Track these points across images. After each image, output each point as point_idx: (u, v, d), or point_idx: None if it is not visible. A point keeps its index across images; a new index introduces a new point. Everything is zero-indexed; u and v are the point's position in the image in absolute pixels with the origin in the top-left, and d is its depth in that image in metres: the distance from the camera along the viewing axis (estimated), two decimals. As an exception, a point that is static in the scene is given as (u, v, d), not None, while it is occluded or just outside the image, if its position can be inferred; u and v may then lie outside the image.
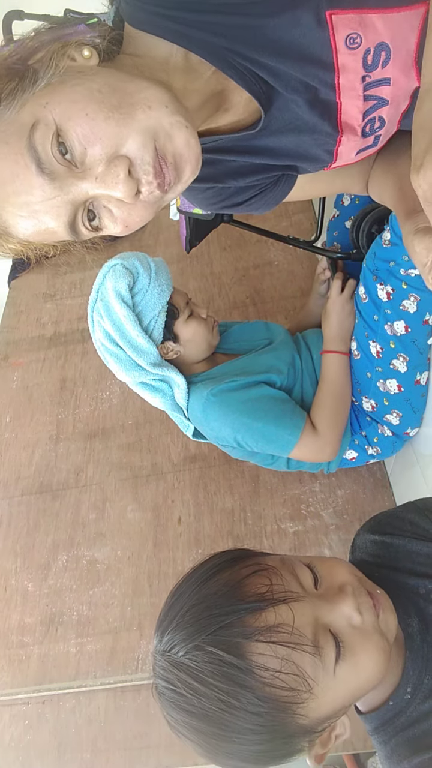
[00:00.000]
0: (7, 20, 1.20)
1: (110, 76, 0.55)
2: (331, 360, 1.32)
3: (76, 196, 0.55)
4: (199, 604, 0.56)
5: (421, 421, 1.32)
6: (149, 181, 0.55)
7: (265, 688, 0.51)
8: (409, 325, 1.17)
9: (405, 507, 0.80)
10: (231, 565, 0.59)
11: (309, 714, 0.53)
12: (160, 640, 0.58)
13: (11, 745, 1.54)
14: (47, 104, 0.53)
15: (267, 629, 0.52)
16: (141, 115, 0.54)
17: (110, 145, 0.53)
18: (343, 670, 0.54)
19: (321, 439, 1.26)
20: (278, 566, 0.58)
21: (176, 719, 0.57)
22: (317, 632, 0.54)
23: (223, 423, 1.25)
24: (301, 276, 2.08)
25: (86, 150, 0.53)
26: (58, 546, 1.75)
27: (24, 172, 0.53)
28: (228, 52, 0.60)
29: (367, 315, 1.25)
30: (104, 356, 1.30)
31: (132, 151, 0.54)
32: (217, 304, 2.11)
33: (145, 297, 1.24)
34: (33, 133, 0.52)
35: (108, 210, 0.58)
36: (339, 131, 0.69)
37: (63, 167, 0.53)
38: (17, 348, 2.27)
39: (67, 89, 0.53)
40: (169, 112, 0.55)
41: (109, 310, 1.23)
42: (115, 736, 1.48)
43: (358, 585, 0.59)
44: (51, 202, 0.55)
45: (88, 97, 0.53)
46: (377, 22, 0.59)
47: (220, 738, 0.54)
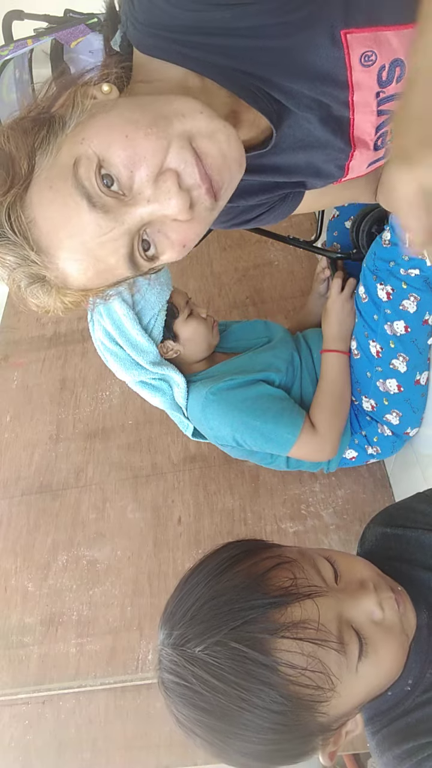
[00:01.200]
0: (7, 20, 1.20)
1: (137, 100, 0.55)
2: (331, 359, 1.32)
3: (131, 225, 0.53)
4: (218, 597, 0.54)
5: (420, 421, 1.32)
6: (198, 185, 0.53)
7: (290, 686, 0.50)
8: (409, 325, 1.17)
9: (415, 498, 0.79)
10: (248, 556, 0.57)
11: (329, 712, 0.52)
12: (169, 634, 0.56)
13: (11, 745, 1.53)
14: (84, 140, 0.51)
15: (293, 625, 0.50)
16: (177, 124, 0.52)
17: (155, 163, 0.51)
18: (366, 666, 0.53)
19: (320, 438, 1.26)
20: (299, 559, 0.57)
21: (187, 716, 0.55)
22: (341, 628, 0.53)
23: (222, 422, 1.26)
24: (301, 276, 2.08)
25: (133, 174, 0.51)
26: (58, 546, 1.75)
27: (76, 212, 0.51)
28: (239, 73, 0.59)
29: (367, 315, 1.25)
30: (104, 355, 1.30)
31: (174, 160, 0.52)
32: (217, 304, 2.11)
33: (145, 296, 1.25)
34: (77, 171, 0.50)
35: (163, 234, 0.55)
36: (351, 146, 0.69)
37: (112, 199, 0.51)
38: (17, 348, 2.27)
39: (100, 121, 0.52)
40: (205, 116, 0.53)
41: (109, 308, 1.24)
42: (115, 736, 1.48)
43: (379, 580, 0.58)
44: (107, 236, 0.52)
45: (124, 120, 0.51)
46: (392, 39, 0.58)
47: (236, 736, 0.52)
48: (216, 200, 0.55)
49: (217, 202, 0.55)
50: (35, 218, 0.52)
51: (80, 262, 0.54)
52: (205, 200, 0.54)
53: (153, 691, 1.51)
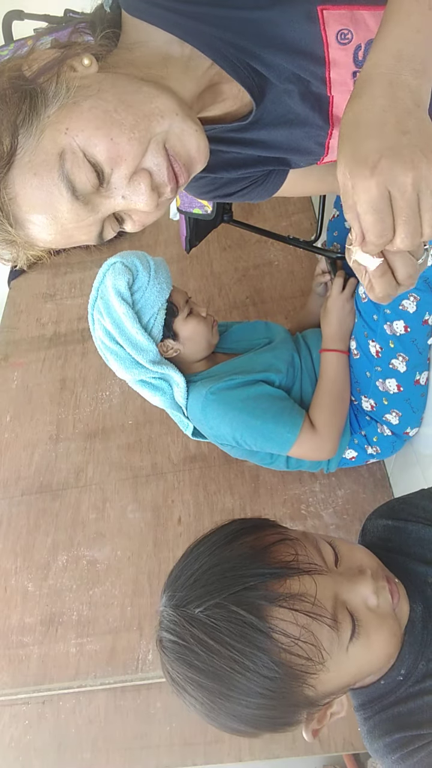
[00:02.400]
0: (7, 20, 1.20)
1: (117, 88, 0.56)
2: (331, 359, 1.32)
3: (105, 213, 0.59)
4: (222, 564, 0.56)
5: (420, 420, 1.32)
6: (165, 184, 0.59)
7: (282, 654, 0.52)
8: (409, 325, 1.17)
9: (418, 494, 0.81)
10: (254, 530, 0.60)
11: (317, 686, 0.54)
12: (172, 596, 0.58)
13: (11, 745, 1.54)
14: (68, 130, 0.54)
15: (291, 596, 0.53)
16: (156, 127, 0.56)
17: (133, 164, 0.56)
18: (356, 648, 0.55)
19: (320, 437, 1.26)
20: (302, 539, 0.59)
21: (181, 674, 0.57)
22: (336, 607, 0.55)
23: (222, 421, 1.26)
24: (301, 276, 2.08)
25: (113, 171, 0.56)
26: (58, 546, 1.75)
27: (58, 200, 0.55)
28: (222, 42, 0.61)
29: (367, 314, 1.25)
30: (104, 354, 1.30)
31: (149, 161, 0.57)
32: (217, 304, 2.12)
33: (145, 295, 1.25)
34: (63, 164, 0.54)
35: (128, 216, 0.62)
36: (330, 124, 0.70)
37: (93, 189, 0.56)
38: (17, 348, 2.27)
39: (85, 113, 0.54)
40: (180, 119, 0.58)
41: (108, 307, 1.24)
42: (115, 736, 1.48)
43: (377, 569, 0.61)
44: (84, 222, 0.58)
45: (109, 121, 0.54)
46: (368, 19, 0.59)
47: (226, 697, 0.54)
48: (176, 194, 0.61)
49: (176, 194, 0.62)
50: (16, 198, 0.55)
51: (53, 236, 0.59)
52: (169, 195, 0.61)
53: (153, 691, 1.51)
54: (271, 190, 0.84)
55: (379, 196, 0.45)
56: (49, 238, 0.59)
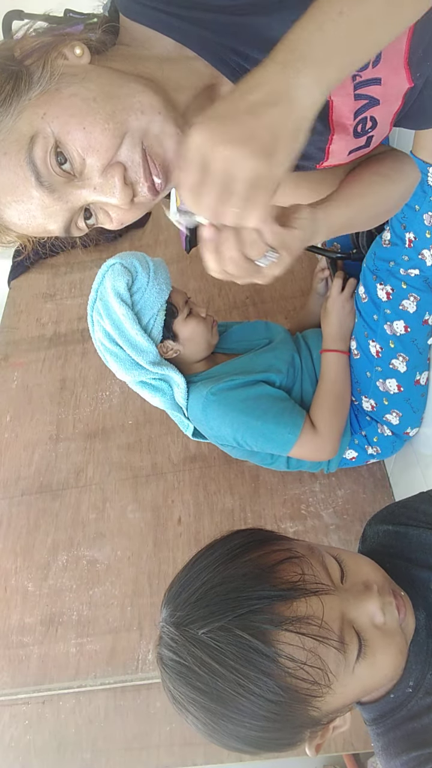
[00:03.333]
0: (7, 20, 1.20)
1: (103, 79, 0.56)
2: (331, 359, 1.32)
3: (74, 204, 0.58)
4: (226, 584, 0.55)
5: (420, 420, 1.32)
6: (141, 182, 0.58)
7: (287, 678, 0.51)
8: (409, 325, 1.17)
9: (418, 497, 0.80)
10: (259, 546, 0.58)
11: (322, 707, 0.53)
12: (173, 613, 0.56)
13: (11, 745, 1.53)
14: (45, 115, 0.53)
15: (297, 620, 0.51)
16: (134, 121, 0.55)
17: (106, 156, 0.55)
18: (362, 667, 0.54)
19: (320, 438, 1.26)
20: (308, 555, 0.58)
21: (183, 693, 0.55)
22: (343, 628, 0.54)
23: (223, 422, 1.26)
24: (301, 276, 2.07)
25: (85, 160, 0.55)
26: (58, 546, 1.75)
27: (23, 183, 0.55)
28: (220, 47, 0.60)
29: (367, 315, 1.25)
30: (104, 355, 1.30)
31: (123, 155, 0.56)
32: (217, 304, 2.11)
33: (144, 296, 1.25)
34: (32, 147, 0.53)
35: (104, 212, 0.60)
36: (330, 129, 0.70)
37: (61, 178, 0.55)
38: (17, 348, 2.27)
39: (64, 100, 0.54)
40: (162, 119, 0.57)
41: (108, 309, 1.24)
42: (115, 736, 1.48)
43: (383, 584, 0.59)
44: (49, 210, 0.57)
45: (85, 109, 0.54)
46: None
47: (229, 719, 0.53)
48: (155, 196, 0.60)
49: (157, 196, 0.60)
50: None
51: (21, 220, 0.58)
52: (146, 194, 0.59)
53: (153, 691, 1.51)
54: None
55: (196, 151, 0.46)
56: (17, 221, 0.58)
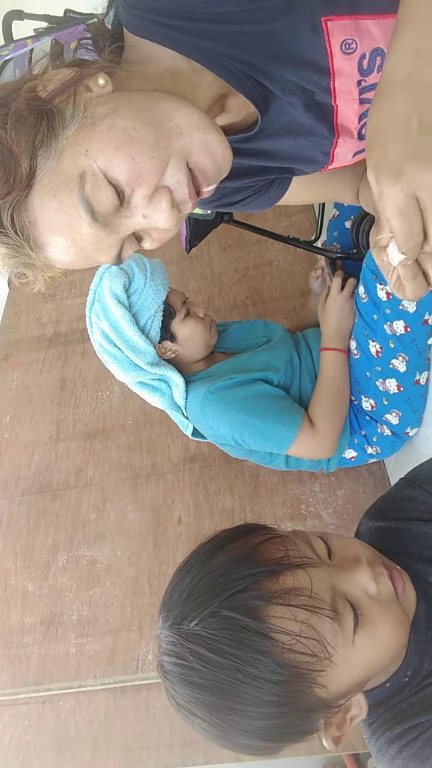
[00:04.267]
0: (7, 20, 1.20)
1: (134, 105, 0.56)
2: (330, 357, 1.32)
3: (125, 233, 0.58)
4: (212, 573, 0.54)
5: (420, 420, 1.32)
6: (186, 201, 0.58)
7: (284, 654, 0.50)
8: (409, 325, 1.17)
9: (398, 485, 0.79)
10: (241, 535, 0.58)
11: (328, 685, 0.52)
12: (167, 616, 0.56)
13: (11, 745, 1.54)
14: (88, 152, 0.53)
15: (285, 592, 0.51)
16: (176, 143, 0.56)
17: (155, 183, 0.56)
18: (362, 639, 0.53)
19: (319, 436, 1.26)
20: (291, 536, 0.58)
21: (185, 696, 0.54)
22: (335, 598, 0.53)
23: (221, 421, 1.26)
24: (301, 276, 2.08)
25: (134, 191, 0.55)
26: (58, 546, 1.75)
27: (77, 222, 0.55)
28: (224, 57, 0.60)
29: (367, 314, 1.25)
30: (103, 357, 1.30)
31: (169, 179, 0.57)
32: (217, 304, 2.11)
33: (141, 297, 1.25)
34: (84, 186, 0.53)
35: (148, 234, 0.61)
36: (335, 134, 0.70)
37: (113, 211, 0.55)
38: (17, 348, 2.27)
39: (105, 134, 0.54)
40: (202, 132, 0.57)
41: (105, 310, 1.24)
42: (115, 736, 1.48)
43: (372, 557, 0.59)
44: (103, 244, 0.58)
45: (129, 140, 0.54)
46: (372, 28, 0.59)
47: (235, 712, 0.52)
48: (194, 207, 0.61)
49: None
50: (36, 221, 0.54)
51: (72, 258, 0.58)
52: (189, 210, 0.60)
53: (153, 691, 1.51)
54: (273, 199, 0.83)
55: (406, 201, 0.45)
56: (68, 260, 0.58)
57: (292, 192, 0.84)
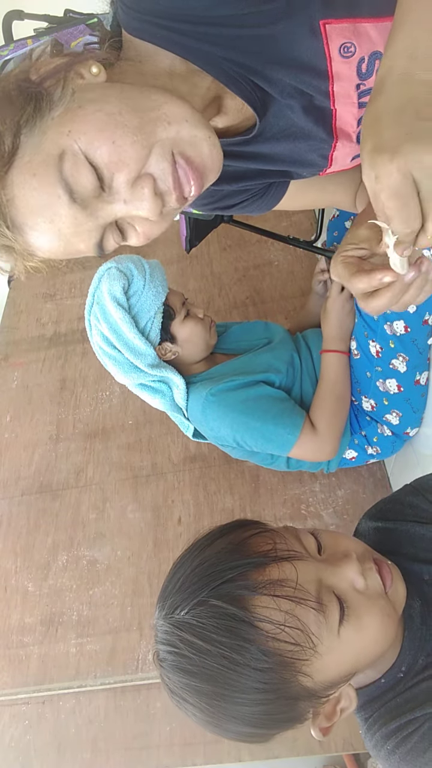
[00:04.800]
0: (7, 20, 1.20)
1: (125, 94, 0.56)
2: (331, 359, 1.32)
3: (105, 219, 0.57)
4: (202, 564, 0.56)
5: (420, 421, 1.32)
6: (170, 192, 0.57)
7: (269, 642, 0.52)
8: (409, 325, 1.17)
9: (402, 490, 0.81)
10: (234, 530, 0.60)
11: (314, 675, 0.54)
12: (162, 606, 0.58)
13: (11, 745, 1.54)
14: (70, 132, 0.53)
15: (271, 583, 0.53)
16: (162, 132, 0.55)
17: (136, 169, 0.54)
18: (348, 632, 0.55)
19: (320, 438, 1.26)
20: (281, 530, 0.60)
21: (177, 682, 0.57)
22: (320, 591, 0.55)
23: (222, 423, 1.26)
24: (301, 276, 2.08)
25: (114, 175, 0.54)
26: (58, 546, 1.75)
27: (56, 202, 0.54)
28: (223, 60, 0.60)
29: (367, 315, 1.25)
30: (102, 359, 1.30)
31: (153, 165, 0.55)
32: (217, 304, 2.11)
33: (141, 299, 1.25)
34: (63, 165, 0.52)
35: (132, 226, 0.60)
36: (334, 137, 0.70)
37: (93, 194, 0.54)
38: (17, 348, 2.27)
39: (89, 116, 0.53)
40: (190, 125, 0.56)
41: (105, 313, 1.24)
42: (115, 736, 1.48)
43: (362, 552, 0.60)
44: (82, 227, 0.56)
45: (113, 123, 0.53)
46: (371, 31, 0.59)
47: (224, 698, 0.54)
48: (184, 204, 0.59)
49: (185, 204, 0.59)
50: (14, 199, 0.54)
51: (51, 242, 0.57)
52: (174, 205, 0.58)
53: (153, 691, 1.51)
54: (271, 203, 0.83)
55: (402, 180, 0.43)
56: (46, 244, 0.57)
57: (289, 197, 0.84)
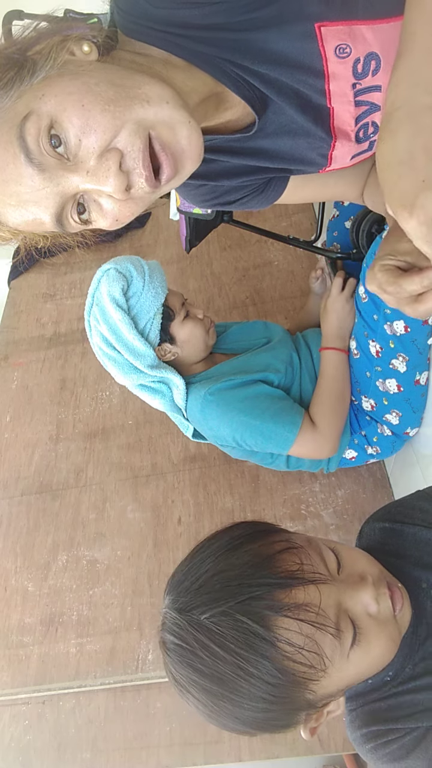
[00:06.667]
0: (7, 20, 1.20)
1: (109, 72, 0.55)
2: (330, 357, 1.32)
3: (65, 188, 0.55)
4: (228, 571, 0.57)
5: (420, 420, 1.32)
6: (139, 172, 0.54)
7: (285, 662, 0.53)
8: (409, 325, 1.17)
9: (415, 495, 0.81)
10: (260, 536, 0.60)
11: (317, 690, 0.56)
12: (175, 599, 0.59)
13: (11, 745, 1.54)
14: (43, 96, 0.52)
15: (296, 606, 0.54)
16: (138, 108, 0.53)
17: (104, 138, 0.52)
18: (356, 654, 0.57)
19: (320, 436, 1.26)
20: (306, 546, 0.60)
21: (184, 676, 0.58)
22: (339, 616, 0.56)
23: (222, 422, 1.26)
24: (301, 276, 2.08)
25: (81, 141, 0.52)
26: (58, 546, 1.75)
27: (13, 161, 0.53)
28: (220, 60, 0.60)
29: (367, 314, 1.25)
30: (102, 360, 1.30)
31: (122, 141, 0.53)
32: (217, 304, 2.11)
33: (140, 300, 1.25)
34: (24, 124, 0.52)
35: (97, 204, 0.57)
36: (332, 136, 0.70)
37: (54, 159, 0.53)
38: (17, 348, 2.27)
39: (65, 82, 0.53)
40: (171, 107, 0.54)
41: (104, 314, 1.24)
42: (115, 736, 1.48)
43: (378, 576, 0.62)
44: (39, 193, 0.54)
45: (85, 89, 0.52)
46: (366, 33, 0.59)
47: (229, 701, 0.56)
48: (156, 189, 0.56)
49: (158, 189, 0.57)
50: None
51: (12, 207, 0.56)
52: (144, 186, 0.55)
53: (153, 691, 1.51)
54: (271, 198, 0.83)
55: (428, 231, 0.44)
56: (9, 208, 0.56)
57: (291, 190, 0.84)
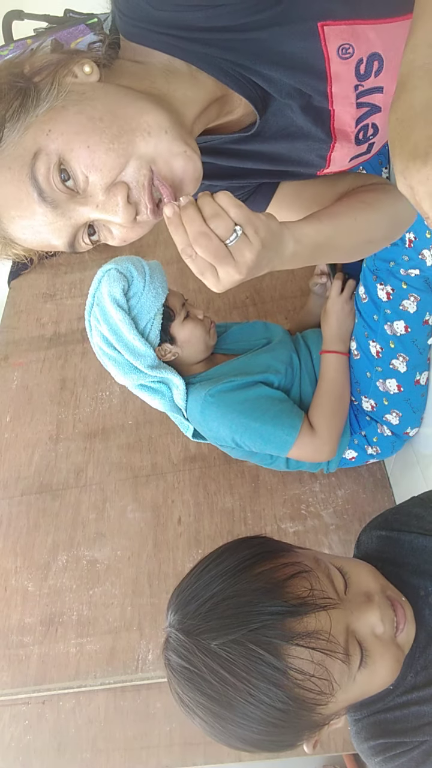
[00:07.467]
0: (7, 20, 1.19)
1: (110, 98, 0.56)
2: (331, 360, 1.32)
3: (77, 220, 0.58)
4: (238, 597, 0.57)
5: (420, 421, 1.32)
6: (145, 203, 0.58)
7: (295, 689, 0.53)
8: (409, 325, 1.17)
9: (410, 501, 0.81)
10: (268, 558, 0.60)
11: (324, 712, 0.56)
12: (182, 620, 0.59)
13: (11, 745, 1.53)
14: (50, 132, 0.54)
15: (307, 635, 0.54)
16: (140, 142, 0.56)
17: (110, 176, 0.55)
18: (363, 675, 0.57)
19: (319, 439, 1.26)
20: (315, 568, 0.60)
21: (191, 698, 0.58)
22: (348, 640, 0.56)
23: (221, 423, 1.26)
24: (301, 276, 2.07)
25: (88, 178, 0.55)
26: (58, 546, 1.75)
27: (27, 198, 0.55)
28: (222, 60, 0.61)
29: (367, 315, 1.25)
30: (102, 360, 1.30)
31: (128, 175, 0.56)
32: (216, 305, 2.11)
33: (141, 300, 1.25)
34: (35, 163, 0.53)
35: (107, 228, 0.61)
36: (332, 138, 0.70)
37: (65, 194, 0.55)
38: (17, 348, 2.27)
39: (70, 117, 0.54)
40: (169, 138, 0.56)
41: (105, 314, 1.24)
42: (115, 736, 1.48)
43: (381, 594, 0.62)
44: (53, 226, 0.57)
45: (90, 128, 0.54)
46: (369, 33, 0.59)
47: (236, 724, 0.56)
48: (159, 217, 0.60)
49: (161, 216, 0.60)
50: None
51: (25, 235, 0.59)
52: (149, 216, 0.59)
53: (153, 691, 1.51)
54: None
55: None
56: (21, 236, 0.59)
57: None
